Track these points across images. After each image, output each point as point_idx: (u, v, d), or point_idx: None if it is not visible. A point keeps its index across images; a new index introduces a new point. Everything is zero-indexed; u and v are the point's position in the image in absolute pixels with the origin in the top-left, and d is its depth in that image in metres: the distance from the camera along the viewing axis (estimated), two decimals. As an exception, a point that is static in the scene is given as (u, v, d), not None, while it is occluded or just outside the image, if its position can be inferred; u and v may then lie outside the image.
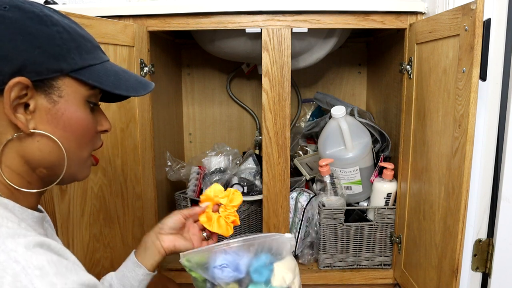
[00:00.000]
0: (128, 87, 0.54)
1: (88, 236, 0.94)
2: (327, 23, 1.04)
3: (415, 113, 1.01)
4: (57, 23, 0.49)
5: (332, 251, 1.19)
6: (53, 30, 0.49)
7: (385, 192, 1.16)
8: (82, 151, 0.54)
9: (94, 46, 0.54)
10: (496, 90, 0.90)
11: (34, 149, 0.50)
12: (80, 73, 0.50)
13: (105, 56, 0.56)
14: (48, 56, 0.48)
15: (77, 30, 0.52)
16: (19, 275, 0.37)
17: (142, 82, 0.57)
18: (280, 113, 1.08)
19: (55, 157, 0.51)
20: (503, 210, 0.92)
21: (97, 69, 0.53)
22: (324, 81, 1.59)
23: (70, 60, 0.49)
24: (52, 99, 0.49)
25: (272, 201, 1.12)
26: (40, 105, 0.49)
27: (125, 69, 0.58)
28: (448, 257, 0.83)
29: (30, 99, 0.48)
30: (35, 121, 0.49)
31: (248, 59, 1.35)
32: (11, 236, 0.41)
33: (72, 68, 0.50)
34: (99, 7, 1.03)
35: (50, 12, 0.51)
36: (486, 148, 0.92)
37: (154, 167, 1.14)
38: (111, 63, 0.57)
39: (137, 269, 0.72)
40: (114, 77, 0.54)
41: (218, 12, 1.03)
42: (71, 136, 0.51)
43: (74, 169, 0.54)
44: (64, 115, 0.50)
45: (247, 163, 1.34)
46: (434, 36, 0.89)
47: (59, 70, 0.49)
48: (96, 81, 0.51)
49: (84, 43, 0.52)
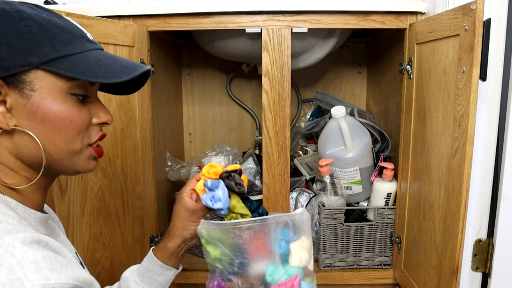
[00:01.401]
0: (106, 74, 0.51)
1: (88, 236, 0.94)
2: (327, 23, 1.04)
3: (415, 113, 1.01)
4: (27, 17, 0.49)
5: (332, 251, 1.19)
6: (21, 25, 0.48)
7: (385, 192, 1.16)
8: (72, 144, 0.52)
9: (76, 36, 0.53)
10: (496, 90, 0.90)
11: (21, 146, 0.50)
12: (52, 65, 0.49)
13: (91, 45, 0.54)
14: (15, 51, 0.47)
15: (55, 22, 0.51)
16: (14, 268, 0.38)
17: (127, 67, 0.54)
18: (280, 113, 1.08)
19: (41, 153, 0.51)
20: (503, 210, 0.92)
21: (74, 59, 0.51)
22: (324, 81, 1.59)
23: (40, 52, 0.48)
24: (25, 94, 0.48)
25: (272, 201, 1.12)
26: (15, 101, 0.49)
27: (113, 56, 0.56)
28: (448, 257, 0.83)
29: (5, 96, 0.48)
30: (15, 117, 0.49)
31: (248, 59, 1.35)
32: (10, 231, 0.42)
33: (41, 61, 0.48)
34: (99, 7, 1.03)
35: (24, 7, 0.50)
36: (486, 148, 0.92)
37: (154, 167, 1.14)
38: (100, 51, 0.55)
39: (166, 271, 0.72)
40: (94, 65, 0.51)
41: (218, 12, 1.03)
42: (52, 130, 0.50)
43: (68, 162, 0.53)
44: (40, 109, 0.49)
45: (247, 163, 1.34)
46: (434, 36, 0.89)
47: (27, 64, 0.48)
48: (68, 70, 0.49)
49: (61, 34, 0.51)
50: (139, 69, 0.53)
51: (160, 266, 0.71)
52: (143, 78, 0.61)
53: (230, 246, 0.63)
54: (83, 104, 0.53)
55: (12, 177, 0.51)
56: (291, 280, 0.61)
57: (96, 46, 0.55)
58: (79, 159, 0.55)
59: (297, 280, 0.62)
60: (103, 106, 0.57)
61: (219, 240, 0.63)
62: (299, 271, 0.63)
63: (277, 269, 0.62)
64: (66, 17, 0.55)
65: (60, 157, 0.52)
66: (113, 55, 0.56)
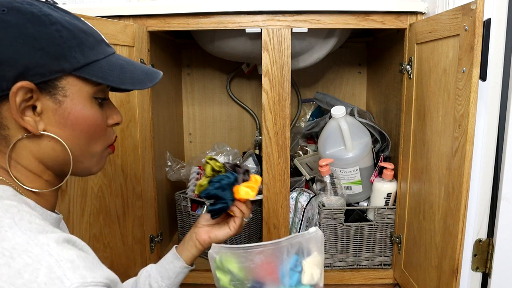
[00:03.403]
0: (133, 81, 0.54)
1: (88, 236, 0.94)
2: (327, 23, 1.04)
3: (415, 113, 1.01)
4: (56, 22, 0.49)
5: (332, 251, 1.19)
6: (52, 30, 0.48)
7: (385, 192, 1.16)
8: (95, 147, 0.54)
9: (97, 40, 0.53)
10: (496, 90, 0.90)
11: (48, 149, 0.51)
12: (83, 71, 0.50)
13: (110, 49, 0.55)
14: (50, 57, 0.47)
15: (78, 26, 0.51)
16: (53, 267, 0.39)
17: (148, 73, 0.56)
18: (280, 113, 1.08)
19: (68, 155, 0.52)
20: (503, 210, 0.91)
21: (101, 64, 0.52)
22: (324, 81, 1.59)
23: (72, 59, 0.49)
24: (57, 99, 0.49)
25: (272, 201, 1.12)
26: (47, 106, 0.49)
27: (131, 61, 0.57)
28: (448, 257, 0.83)
29: (36, 101, 0.48)
30: (44, 122, 0.49)
31: (248, 59, 1.35)
32: (41, 232, 0.43)
33: (74, 67, 0.49)
34: (99, 7, 1.03)
35: (49, 10, 0.50)
36: (486, 148, 0.92)
37: (154, 167, 1.14)
38: (117, 55, 0.56)
39: (175, 261, 0.76)
40: (120, 71, 0.53)
41: (218, 12, 1.03)
42: (81, 134, 0.51)
43: (89, 163, 0.55)
44: (71, 114, 0.50)
45: (247, 163, 1.34)
46: (434, 36, 0.89)
47: (61, 70, 0.48)
48: (100, 77, 0.51)
49: (86, 39, 0.51)
50: (156, 76, 0.56)
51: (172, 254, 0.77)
52: None
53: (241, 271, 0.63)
54: (102, 107, 0.55)
55: (33, 180, 0.51)
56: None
57: (113, 50, 0.56)
58: (98, 160, 0.56)
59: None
60: (115, 108, 0.58)
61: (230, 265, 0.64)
62: None
63: None
64: (85, 20, 0.55)
65: (82, 159, 0.53)
66: (130, 60, 0.57)
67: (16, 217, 0.43)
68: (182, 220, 1.33)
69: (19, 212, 0.44)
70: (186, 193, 1.31)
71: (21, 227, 0.42)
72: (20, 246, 0.40)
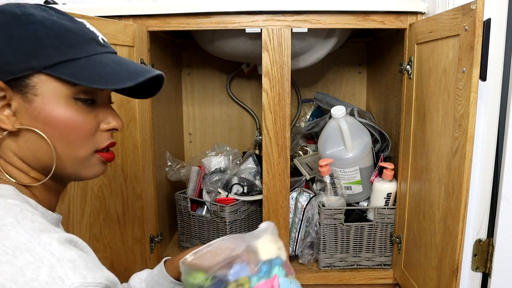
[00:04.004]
0: (109, 80, 0.49)
1: (88, 236, 0.94)
2: (327, 23, 1.04)
3: (415, 113, 1.01)
4: (35, 21, 0.48)
5: (332, 251, 1.19)
6: (29, 29, 0.47)
7: (385, 192, 1.16)
8: (75, 151, 0.51)
9: (84, 38, 0.51)
10: (496, 90, 0.90)
11: (25, 149, 0.50)
12: (55, 69, 0.48)
13: (100, 48, 0.53)
14: (19, 55, 0.47)
15: (64, 25, 0.50)
16: (55, 266, 0.40)
17: (133, 72, 0.51)
18: (280, 113, 1.08)
19: (45, 157, 0.50)
20: (503, 210, 0.92)
21: (79, 63, 0.49)
22: (324, 81, 1.59)
23: (43, 57, 0.47)
24: (28, 98, 0.48)
25: (272, 201, 1.12)
26: (19, 105, 0.48)
27: (123, 60, 0.54)
28: (448, 257, 0.83)
29: (10, 100, 0.48)
30: (20, 121, 0.49)
31: (248, 59, 1.35)
32: (44, 231, 0.43)
33: (44, 65, 0.47)
34: (99, 7, 1.03)
35: (35, 10, 0.50)
36: (486, 148, 0.92)
37: (154, 167, 1.14)
38: (109, 55, 0.53)
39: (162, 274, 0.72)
40: (98, 70, 0.50)
41: (218, 12, 1.03)
42: (55, 136, 0.49)
43: (73, 168, 0.52)
44: (41, 113, 0.48)
45: (247, 163, 1.34)
46: (434, 36, 0.89)
47: (30, 68, 0.47)
48: (70, 75, 0.48)
49: (69, 37, 0.49)
50: (144, 75, 0.51)
51: (170, 282, 0.71)
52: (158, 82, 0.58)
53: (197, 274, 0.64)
54: (91, 109, 0.52)
55: (24, 178, 0.51)
56: (270, 280, 0.62)
57: (106, 50, 0.54)
58: (84, 166, 0.53)
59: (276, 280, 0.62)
60: (113, 111, 0.56)
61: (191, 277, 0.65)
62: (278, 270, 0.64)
63: None
64: (80, 20, 0.54)
65: (64, 163, 0.51)
66: (123, 59, 0.54)
67: (19, 216, 0.43)
68: (182, 220, 1.33)
69: (22, 211, 0.44)
70: (186, 193, 1.31)
71: (23, 226, 0.42)
72: (22, 245, 0.40)
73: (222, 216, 1.22)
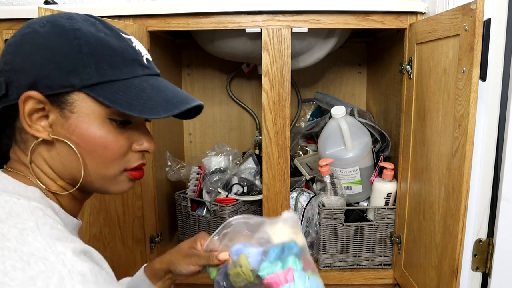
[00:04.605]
0: (144, 108, 0.49)
1: (88, 236, 0.94)
2: (327, 23, 1.04)
3: (415, 113, 1.01)
4: (81, 37, 0.48)
5: (332, 251, 1.19)
6: (73, 44, 0.48)
7: (385, 192, 1.16)
8: (104, 169, 0.52)
9: (127, 60, 0.51)
10: (496, 90, 0.90)
11: (56, 159, 0.51)
12: (93, 89, 0.48)
13: (142, 70, 0.52)
14: (61, 71, 0.47)
15: (109, 43, 0.50)
16: (65, 278, 0.40)
17: (170, 102, 0.51)
18: (280, 113, 1.08)
19: (74, 169, 0.51)
20: (503, 210, 0.92)
21: (117, 85, 0.49)
22: (324, 81, 1.58)
23: (84, 75, 0.48)
24: (64, 114, 0.49)
25: (272, 201, 1.12)
26: (56, 119, 0.49)
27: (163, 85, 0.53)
28: (448, 257, 0.83)
29: (48, 112, 0.49)
30: (54, 133, 0.50)
31: (248, 59, 1.35)
32: (61, 239, 0.43)
33: (84, 84, 0.48)
34: (99, 7, 1.03)
35: (83, 25, 0.50)
36: (486, 148, 0.92)
37: (154, 167, 1.14)
38: (149, 78, 0.53)
39: None
40: (135, 95, 0.49)
41: (218, 12, 1.03)
42: (86, 153, 0.50)
43: (100, 184, 0.53)
44: (76, 131, 0.49)
45: (247, 163, 1.34)
46: (434, 36, 0.89)
47: (70, 86, 0.48)
48: (107, 98, 0.48)
49: (111, 57, 0.49)
50: (180, 106, 0.50)
51: (147, 286, 0.70)
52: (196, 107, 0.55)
53: None
54: (123, 130, 0.52)
55: (52, 185, 0.52)
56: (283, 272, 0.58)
57: (148, 72, 0.53)
58: (111, 183, 0.54)
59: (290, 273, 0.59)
60: (147, 133, 0.55)
61: None
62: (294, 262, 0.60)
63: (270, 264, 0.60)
64: (127, 36, 0.54)
65: (92, 178, 0.52)
66: (163, 83, 0.53)
67: (40, 221, 0.44)
68: (182, 220, 1.33)
69: (44, 216, 0.45)
70: (186, 193, 1.31)
71: (42, 232, 0.42)
72: (38, 252, 0.40)
73: (222, 216, 1.22)
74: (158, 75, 0.55)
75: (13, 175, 0.51)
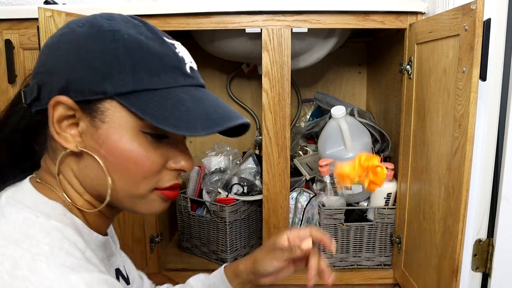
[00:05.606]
0: (181, 123, 0.43)
1: (88, 236, 0.94)
2: (327, 23, 1.04)
3: (415, 113, 1.01)
4: (119, 39, 0.44)
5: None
6: (110, 47, 0.43)
7: (385, 192, 1.16)
8: (133, 187, 0.46)
9: (167, 67, 0.45)
10: (496, 90, 0.90)
11: (84, 172, 0.46)
12: (127, 98, 0.43)
13: (184, 80, 0.47)
14: (95, 75, 0.42)
15: (149, 47, 0.45)
16: None
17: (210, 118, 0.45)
18: (280, 113, 1.08)
19: (101, 186, 0.46)
20: (503, 210, 0.92)
21: (154, 95, 0.44)
22: (324, 81, 1.59)
23: (118, 81, 0.42)
24: (95, 123, 0.44)
25: (272, 201, 1.12)
26: (86, 128, 0.44)
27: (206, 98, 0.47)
28: (448, 257, 0.83)
29: (79, 120, 0.45)
30: (84, 143, 0.45)
31: (248, 59, 1.35)
32: (76, 269, 0.39)
33: (117, 91, 0.43)
34: (99, 7, 1.03)
35: (123, 26, 0.45)
36: (486, 148, 0.92)
37: (154, 167, 1.14)
38: (191, 89, 0.47)
39: None
40: (171, 108, 0.43)
41: (218, 12, 1.03)
42: (115, 168, 0.45)
43: (128, 202, 0.48)
44: (106, 143, 0.44)
45: (247, 163, 1.34)
46: (434, 36, 0.89)
47: (101, 92, 0.43)
48: (140, 109, 0.42)
49: (151, 62, 0.44)
50: (222, 123, 0.44)
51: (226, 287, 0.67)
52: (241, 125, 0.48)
53: None
54: (158, 145, 0.46)
55: (78, 199, 0.48)
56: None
57: (190, 82, 0.47)
58: (141, 203, 0.48)
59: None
60: (185, 150, 0.49)
61: None
62: None
63: None
64: (171, 41, 0.48)
65: (119, 196, 0.47)
66: (206, 95, 0.48)
67: (55, 245, 0.39)
68: (182, 220, 1.33)
69: (61, 240, 0.40)
70: (186, 193, 1.31)
71: (56, 259, 0.38)
72: (48, 281, 0.36)
73: (222, 216, 1.22)
74: (202, 86, 0.50)
75: (38, 186, 0.47)
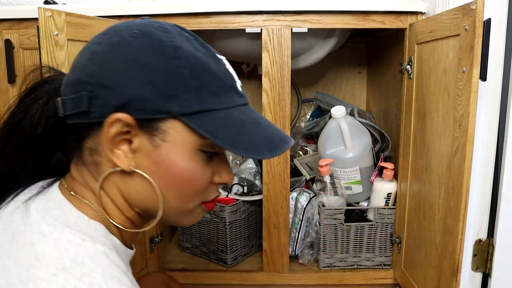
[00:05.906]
0: (248, 147, 0.44)
1: (88, 236, 0.94)
2: (327, 23, 1.04)
3: (415, 113, 1.01)
4: (181, 56, 0.43)
5: (332, 251, 1.19)
6: (173, 64, 0.42)
7: (385, 192, 1.16)
8: (185, 203, 0.47)
9: (225, 86, 0.45)
10: (496, 90, 0.90)
11: (132, 190, 0.46)
12: (192, 118, 0.42)
13: (238, 99, 0.47)
14: (159, 95, 0.41)
15: (208, 65, 0.44)
16: None
17: (271, 141, 0.46)
18: (280, 113, 1.08)
19: (152, 203, 0.46)
20: (503, 210, 0.92)
21: (218, 115, 0.44)
22: (324, 81, 1.58)
23: (183, 101, 0.42)
24: (154, 142, 0.43)
25: (272, 201, 1.12)
26: (142, 146, 0.43)
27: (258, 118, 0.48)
28: (448, 257, 0.83)
29: (134, 137, 0.44)
30: (136, 160, 0.44)
31: (248, 59, 1.35)
32: None
33: (182, 112, 0.42)
34: (99, 7, 1.03)
35: (183, 41, 0.45)
36: (486, 148, 0.92)
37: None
38: (246, 108, 0.48)
39: None
40: (237, 130, 0.44)
41: (218, 12, 1.03)
42: (170, 186, 0.45)
43: (175, 217, 0.48)
44: (166, 162, 0.43)
45: (247, 163, 1.34)
46: (434, 36, 0.89)
47: (166, 112, 0.42)
48: (208, 132, 0.42)
49: (212, 82, 0.44)
50: (281, 147, 0.46)
51: None
52: None
53: None
54: (210, 162, 0.47)
55: (118, 216, 0.47)
56: None
57: (242, 101, 0.48)
58: (187, 216, 0.49)
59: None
60: (228, 164, 0.51)
61: None
62: None
63: None
64: (220, 57, 0.48)
65: (169, 212, 0.47)
66: (257, 115, 0.49)
67: (106, 273, 0.39)
68: (182, 220, 1.33)
69: (110, 266, 0.40)
70: (186, 193, 1.31)
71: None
72: None
73: (222, 216, 1.22)
74: (248, 103, 0.50)
75: (72, 199, 0.45)
